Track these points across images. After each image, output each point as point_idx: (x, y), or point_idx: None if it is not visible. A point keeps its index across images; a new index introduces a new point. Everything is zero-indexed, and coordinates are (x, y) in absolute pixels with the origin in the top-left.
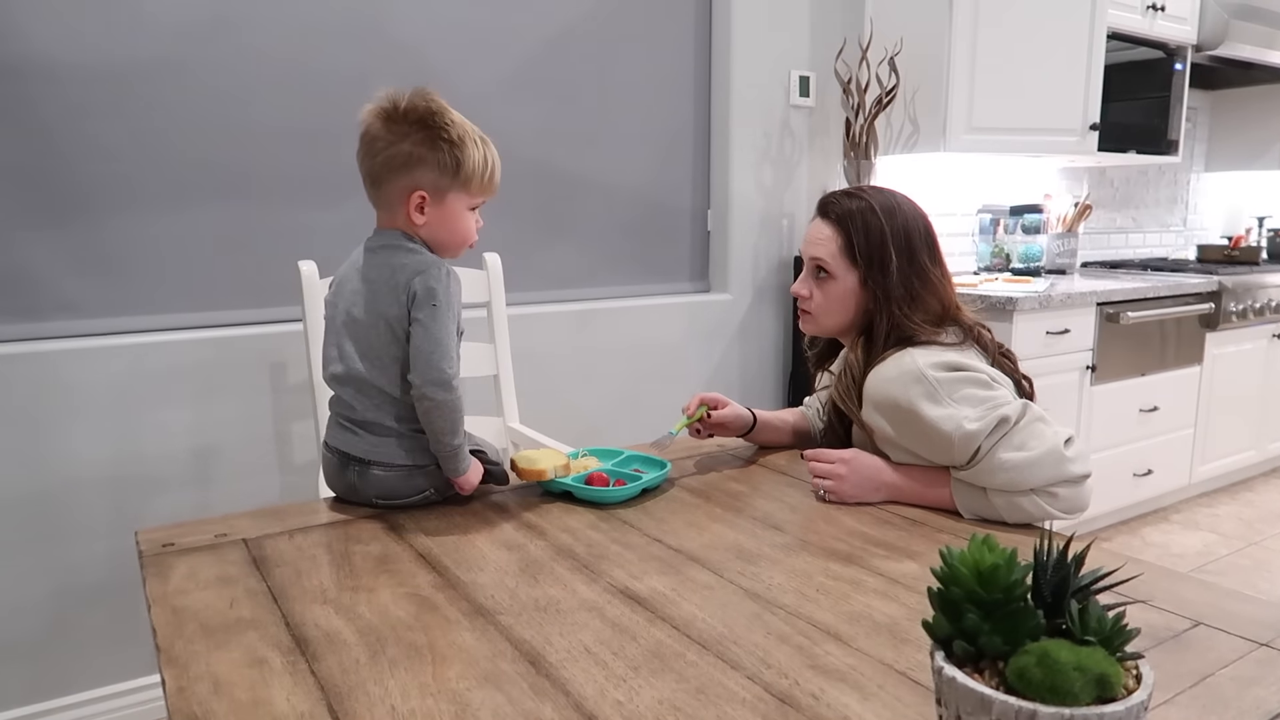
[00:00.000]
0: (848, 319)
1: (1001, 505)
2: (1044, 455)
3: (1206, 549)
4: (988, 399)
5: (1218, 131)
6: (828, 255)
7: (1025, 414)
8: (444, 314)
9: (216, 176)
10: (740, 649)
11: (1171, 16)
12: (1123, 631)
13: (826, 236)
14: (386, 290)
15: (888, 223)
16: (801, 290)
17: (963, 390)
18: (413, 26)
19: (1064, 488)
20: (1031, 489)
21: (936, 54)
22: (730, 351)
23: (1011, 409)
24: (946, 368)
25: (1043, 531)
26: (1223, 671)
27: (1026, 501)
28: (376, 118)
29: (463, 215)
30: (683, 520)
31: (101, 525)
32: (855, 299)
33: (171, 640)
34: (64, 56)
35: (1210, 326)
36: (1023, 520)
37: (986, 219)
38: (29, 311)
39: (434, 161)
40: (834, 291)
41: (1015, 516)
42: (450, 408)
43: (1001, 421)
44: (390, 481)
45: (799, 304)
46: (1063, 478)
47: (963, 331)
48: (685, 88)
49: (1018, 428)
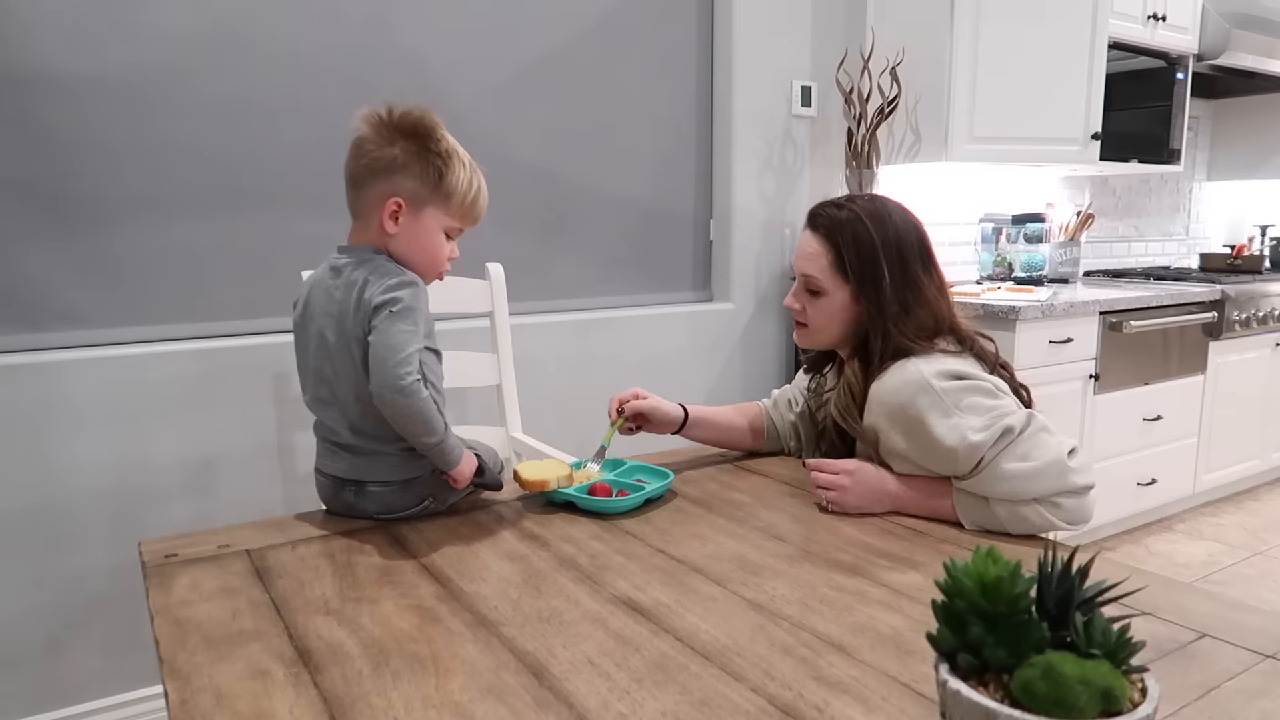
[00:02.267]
0: (842, 333)
1: (1004, 515)
2: (1048, 465)
3: (1211, 559)
4: (993, 408)
5: (1219, 140)
6: (817, 271)
7: (1030, 424)
8: (402, 319)
9: (220, 186)
10: (744, 661)
11: (1172, 26)
12: (1128, 644)
13: (816, 251)
14: (353, 309)
15: (878, 234)
16: (794, 304)
17: (968, 399)
18: (416, 37)
19: (1068, 498)
20: (1035, 499)
21: (938, 64)
22: (732, 361)
23: (1016, 419)
24: (950, 376)
25: (1047, 543)
26: (1229, 684)
27: (1030, 511)
28: (368, 122)
29: (436, 233)
30: (686, 531)
31: (104, 535)
32: (848, 313)
33: (174, 652)
34: (67, 67)
35: (1213, 335)
36: (1026, 531)
37: (989, 228)
38: (32, 321)
39: (417, 170)
40: (826, 307)
41: (1018, 527)
42: (414, 410)
43: (1006, 431)
44: (388, 497)
45: (794, 316)
46: (1066, 488)
47: (960, 341)
48: (687, 97)
49: (1022, 438)
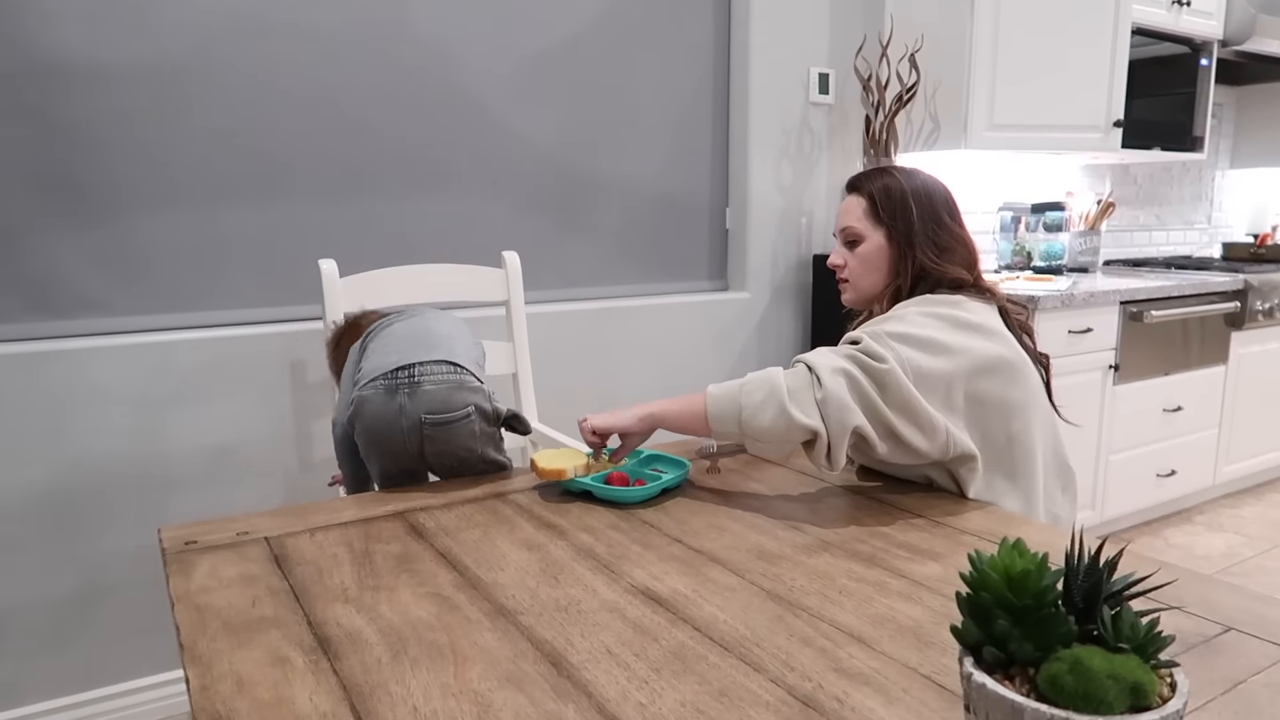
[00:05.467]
0: (882, 279)
1: (745, 405)
2: (843, 385)
3: (1231, 551)
4: (915, 339)
5: (1243, 127)
6: (854, 220)
7: (885, 366)
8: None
9: (239, 176)
10: (763, 651)
11: (1197, 11)
12: (1157, 638)
13: (851, 204)
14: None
15: (907, 183)
16: (836, 260)
17: (927, 321)
18: (434, 24)
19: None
20: (792, 405)
21: (958, 50)
22: (748, 350)
23: (900, 361)
24: (944, 308)
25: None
26: (1255, 678)
27: (773, 405)
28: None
29: None
30: (703, 521)
31: (125, 521)
32: (885, 256)
33: (195, 638)
34: (89, 56)
35: (1235, 325)
36: (759, 426)
37: (1008, 217)
38: (55, 309)
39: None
40: (864, 253)
41: (752, 419)
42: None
43: (879, 358)
44: (440, 394)
45: (836, 276)
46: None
47: (981, 293)
48: (704, 85)
49: (886, 372)
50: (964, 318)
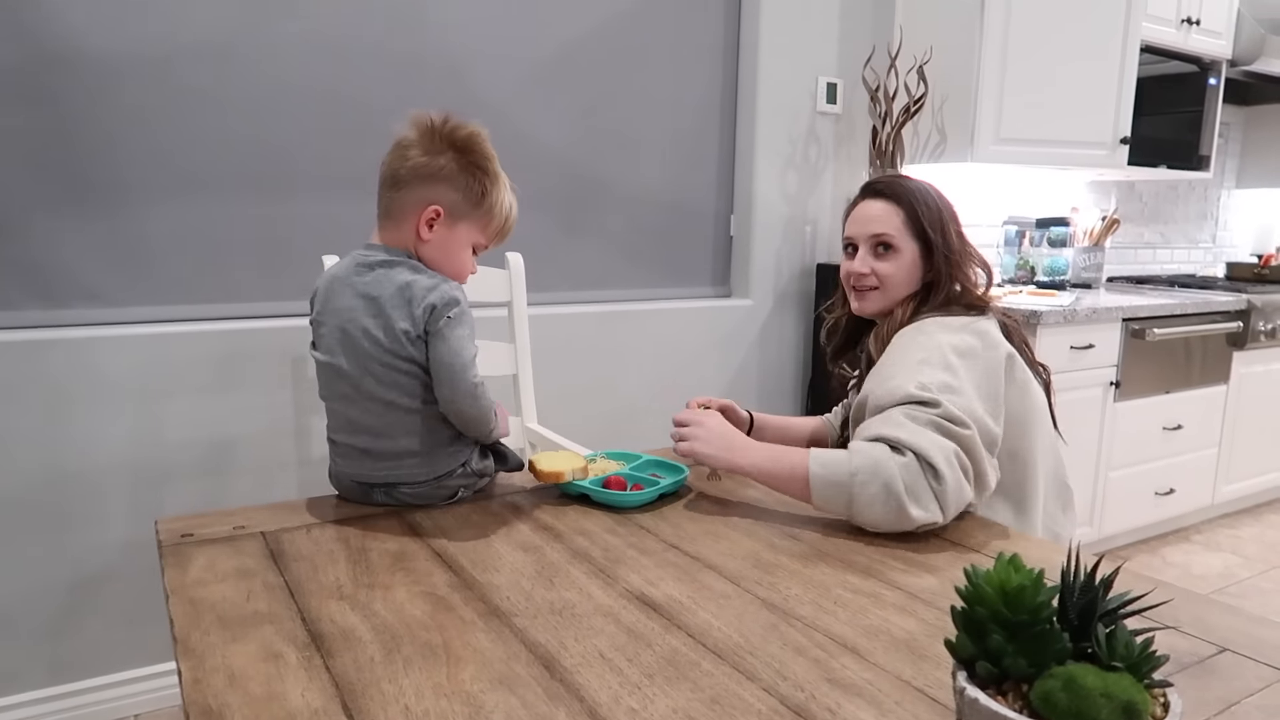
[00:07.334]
0: (911, 290)
1: (857, 491)
2: (926, 450)
3: (1228, 571)
4: (953, 386)
5: (1250, 147)
6: (892, 229)
7: (970, 432)
8: (460, 324)
9: (243, 169)
10: (756, 659)
11: (1207, 31)
12: (1151, 657)
13: (885, 211)
14: (398, 304)
15: (938, 198)
16: (862, 269)
17: (954, 360)
18: (442, 25)
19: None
20: (890, 479)
21: (966, 63)
22: (750, 358)
23: (958, 408)
24: (962, 339)
25: (1070, 552)
26: (1249, 700)
27: (879, 490)
28: (417, 126)
29: (466, 247)
30: (700, 527)
31: (122, 511)
32: (917, 270)
33: (188, 631)
34: (96, 48)
35: (1238, 345)
36: (872, 519)
37: (1012, 231)
38: (57, 298)
39: (462, 184)
40: (901, 263)
41: (865, 511)
42: (481, 412)
43: (933, 404)
44: (421, 493)
45: (856, 285)
46: (899, 509)
47: (981, 311)
48: (711, 91)
49: (969, 436)
50: (993, 358)
